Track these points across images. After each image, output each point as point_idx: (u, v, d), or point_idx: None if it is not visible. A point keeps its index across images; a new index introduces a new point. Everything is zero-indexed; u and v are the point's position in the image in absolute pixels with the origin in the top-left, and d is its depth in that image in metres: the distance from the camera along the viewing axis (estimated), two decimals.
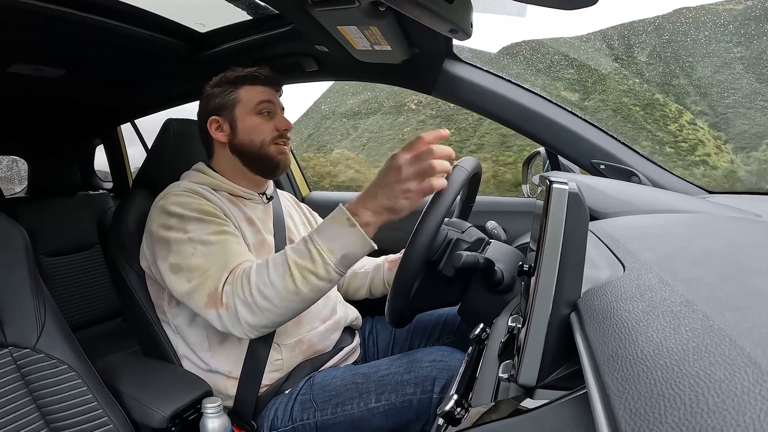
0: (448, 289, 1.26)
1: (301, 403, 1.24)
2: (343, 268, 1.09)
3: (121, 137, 3.32)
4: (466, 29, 1.14)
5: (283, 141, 1.40)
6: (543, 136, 1.58)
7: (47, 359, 1.08)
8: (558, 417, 0.54)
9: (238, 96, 1.38)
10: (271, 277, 1.08)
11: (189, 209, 1.23)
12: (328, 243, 1.08)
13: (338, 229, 1.08)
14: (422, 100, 15.24)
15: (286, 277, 1.07)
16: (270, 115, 1.39)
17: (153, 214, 1.26)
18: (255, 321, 1.09)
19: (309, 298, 1.10)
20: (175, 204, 1.24)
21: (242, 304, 1.08)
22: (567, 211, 0.59)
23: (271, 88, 1.41)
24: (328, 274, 1.07)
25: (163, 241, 1.20)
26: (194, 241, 1.18)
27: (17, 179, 4.29)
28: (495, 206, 2.01)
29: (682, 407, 0.31)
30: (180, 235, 1.19)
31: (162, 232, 1.21)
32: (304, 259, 1.08)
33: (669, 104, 12.74)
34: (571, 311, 0.60)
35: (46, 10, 1.41)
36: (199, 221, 1.21)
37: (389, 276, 1.59)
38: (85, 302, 2.76)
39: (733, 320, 0.40)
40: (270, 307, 1.08)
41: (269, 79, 1.41)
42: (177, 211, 1.22)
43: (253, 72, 1.39)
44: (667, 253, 0.67)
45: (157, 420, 1.12)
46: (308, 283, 1.07)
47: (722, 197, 1.41)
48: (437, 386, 1.14)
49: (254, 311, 1.08)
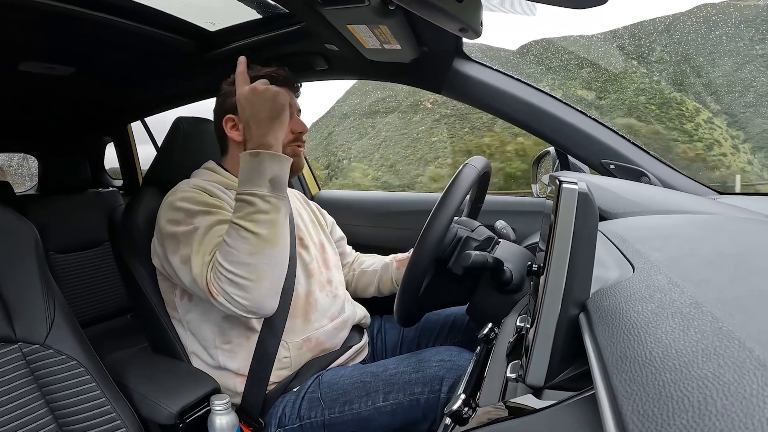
0: (456, 288, 1.26)
1: (309, 401, 1.25)
2: (279, 189, 1.13)
3: (131, 135, 3.34)
4: (475, 28, 1.14)
5: (298, 144, 1.39)
6: (553, 135, 1.57)
7: (56, 355, 1.08)
8: (566, 418, 0.54)
9: None
10: (228, 243, 1.10)
11: (195, 203, 1.23)
12: (250, 185, 1.12)
13: (248, 167, 1.13)
14: (437, 100, 15.25)
15: (240, 233, 1.09)
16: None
17: (162, 211, 1.27)
18: (248, 294, 1.09)
19: (274, 238, 1.11)
20: (182, 200, 1.24)
21: (228, 284, 1.09)
22: (576, 211, 0.59)
23: (289, 89, 1.41)
24: (269, 203, 1.11)
25: (173, 236, 1.21)
26: (199, 229, 1.19)
27: (28, 176, 4.32)
28: (504, 206, 2.00)
29: (690, 409, 0.31)
30: (187, 228, 1.20)
31: (170, 228, 1.21)
32: (242, 209, 1.11)
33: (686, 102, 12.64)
34: (580, 312, 0.60)
35: (56, 8, 1.42)
36: (205, 213, 1.22)
37: (397, 275, 1.59)
38: (95, 299, 2.78)
39: (743, 322, 0.39)
40: (250, 270, 1.08)
41: (287, 81, 1.40)
42: (184, 206, 1.23)
43: (271, 72, 1.38)
44: (677, 254, 0.67)
45: (165, 416, 1.13)
46: (259, 223, 1.09)
47: (732, 198, 1.40)
48: (445, 386, 1.14)
49: (240, 284, 1.08)
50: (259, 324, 1.29)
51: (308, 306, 1.36)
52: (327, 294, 1.42)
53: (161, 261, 1.27)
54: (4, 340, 1.04)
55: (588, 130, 1.54)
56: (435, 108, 15.71)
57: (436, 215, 1.05)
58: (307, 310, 1.36)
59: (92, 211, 2.85)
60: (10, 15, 1.43)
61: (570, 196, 0.60)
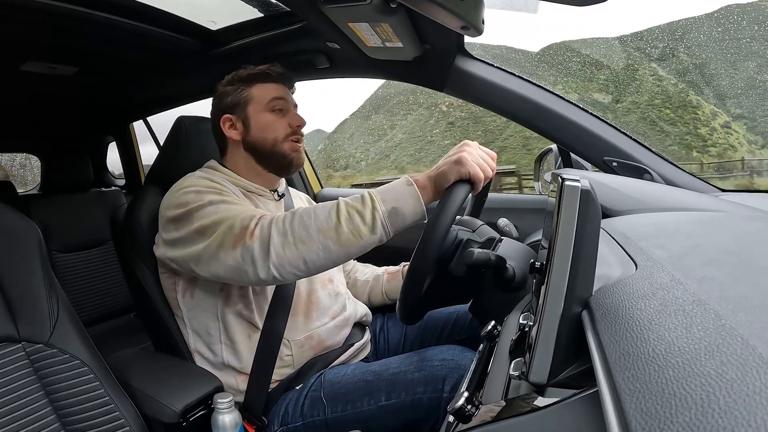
0: (458, 287, 1.26)
1: (311, 400, 1.25)
2: (389, 223, 1.09)
3: (134, 134, 3.35)
4: (477, 26, 1.14)
5: (296, 138, 1.39)
6: (555, 133, 1.57)
7: (60, 354, 1.09)
8: (569, 415, 0.54)
9: (250, 94, 1.38)
10: (317, 210, 1.10)
11: (204, 186, 1.24)
12: (381, 194, 1.11)
13: (395, 185, 1.13)
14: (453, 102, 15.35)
15: (332, 211, 1.09)
16: (283, 112, 1.39)
17: (167, 201, 1.27)
18: (285, 252, 1.07)
19: (345, 244, 1.08)
20: (189, 185, 1.25)
21: (277, 232, 1.08)
22: (579, 209, 0.59)
23: (284, 85, 1.41)
24: (373, 221, 1.08)
25: (184, 216, 1.20)
26: (215, 203, 1.19)
27: (30, 176, 4.34)
28: (507, 203, 2.00)
29: (693, 407, 0.31)
30: (200, 203, 1.19)
31: (180, 209, 1.21)
32: (355, 201, 1.10)
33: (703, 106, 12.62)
34: (583, 309, 0.60)
35: (58, 8, 1.42)
36: (217, 192, 1.23)
37: (387, 287, 1.62)
38: (98, 298, 2.79)
39: (746, 320, 0.39)
40: (305, 237, 1.07)
41: (281, 76, 1.41)
42: (193, 188, 1.23)
43: (265, 69, 1.39)
44: (680, 252, 0.67)
45: (168, 415, 1.13)
46: (351, 221, 1.07)
47: (735, 195, 1.39)
48: (447, 385, 1.15)
49: (287, 239, 1.07)
50: (261, 322, 1.29)
51: (310, 304, 1.37)
52: (329, 292, 1.43)
53: (165, 248, 1.26)
54: (7, 340, 1.04)
55: (590, 127, 1.53)
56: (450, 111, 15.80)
57: (438, 215, 1.04)
58: (308, 309, 1.36)
59: (95, 210, 2.86)
60: (12, 15, 1.43)
61: (572, 194, 0.60)
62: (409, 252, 1.09)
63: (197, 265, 1.18)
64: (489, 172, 1.13)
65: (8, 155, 4.54)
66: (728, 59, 17.17)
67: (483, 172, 1.10)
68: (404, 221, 1.10)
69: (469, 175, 1.08)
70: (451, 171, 1.09)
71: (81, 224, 2.78)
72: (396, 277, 1.63)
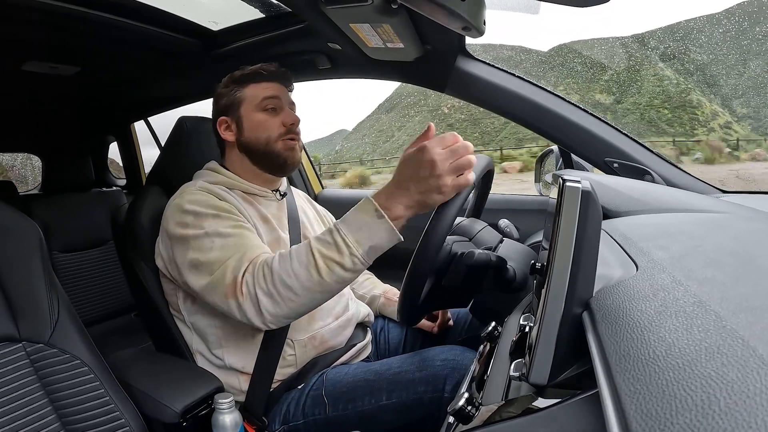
0: (456, 295, 1.26)
1: (313, 399, 1.25)
2: (369, 259, 1.08)
3: (135, 134, 3.35)
4: (478, 26, 1.14)
5: (290, 136, 1.38)
6: (556, 133, 1.57)
7: (60, 354, 1.08)
8: (569, 416, 0.54)
9: (243, 94, 1.38)
10: (294, 268, 1.07)
11: (204, 206, 1.23)
12: (355, 234, 1.04)
13: (366, 219, 1.04)
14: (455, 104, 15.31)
15: (310, 268, 1.06)
16: (276, 111, 1.38)
17: (168, 213, 1.27)
18: (276, 310, 1.08)
19: (332, 289, 1.09)
20: (190, 202, 1.24)
21: (263, 293, 1.08)
22: (580, 210, 0.59)
23: (279, 83, 1.40)
24: (354, 265, 1.06)
25: (181, 240, 1.21)
26: (211, 235, 1.19)
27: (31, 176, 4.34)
28: (508, 204, 2.00)
29: (693, 408, 0.31)
30: (197, 231, 1.20)
31: (179, 231, 1.22)
32: (330, 250, 1.06)
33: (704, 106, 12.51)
34: (584, 310, 0.60)
35: (59, 8, 1.42)
36: (215, 217, 1.22)
37: (383, 309, 1.63)
38: (98, 298, 2.79)
39: (747, 321, 0.39)
40: (292, 297, 1.07)
41: (274, 75, 1.40)
42: (192, 208, 1.23)
43: (257, 69, 1.39)
44: (681, 253, 0.67)
45: (168, 415, 1.13)
46: (333, 273, 1.06)
47: (736, 196, 1.39)
48: (448, 385, 1.15)
49: (276, 301, 1.08)
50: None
51: None
52: None
53: (166, 263, 1.28)
54: (7, 340, 1.04)
55: (591, 128, 1.53)
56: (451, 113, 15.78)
57: (437, 220, 1.03)
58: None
59: (96, 210, 2.86)
60: (14, 15, 1.43)
61: (573, 195, 0.60)
62: (408, 252, 1.08)
63: (193, 292, 1.22)
64: (472, 164, 1.02)
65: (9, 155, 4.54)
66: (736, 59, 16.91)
67: (464, 177, 1.01)
68: (382, 250, 1.08)
69: (457, 187, 1.01)
70: (434, 200, 1.02)
71: (82, 224, 2.78)
72: (393, 304, 1.62)
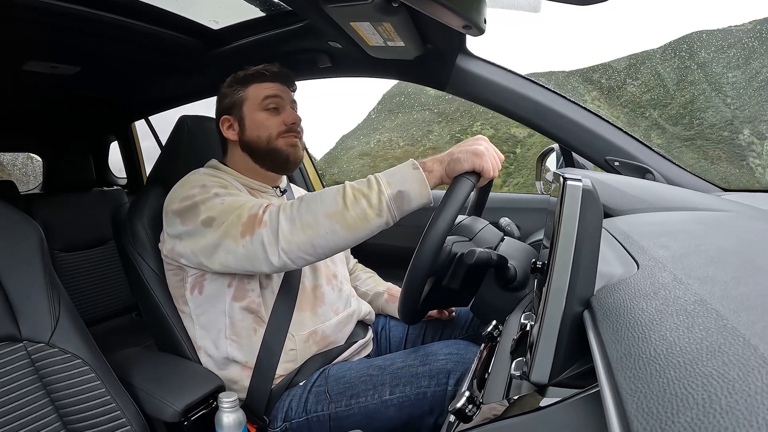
0: (457, 294, 1.26)
1: (315, 395, 1.25)
2: (395, 206, 1.10)
3: (135, 134, 3.35)
4: (479, 25, 1.14)
5: (293, 135, 1.39)
6: (557, 132, 1.57)
7: (61, 354, 1.09)
8: (570, 415, 0.54)
9: (246, 94, 1.39)
10: (323, 194, 1.11)
11: (209, 181, 1.26)
12: (387, 177, 1.12)
13: (401, 169, 1.13)
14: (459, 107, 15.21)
15: (337, 195, 1.10)
16: (277, 110, 1.39)
17: (172, 195, 1.27)
18: (292, 237, 1.09)
19: (352, 227, 1.09)
20: (195, 180, 1.27)
21: (286, 218, 1.10)
22: (581, 208, 0.59)
23: (281, 83, 1.41)
24: (379, 203, 1.08)
25: (190, 208, 1.21)
26: (221, 195, 1.20)
27: (32, 176, 4.35)
28: (509, 203, 2.00)
29: (694, 407, 0.31)
30: (206, 195, 1.21)
31: (186, 202, 1.22)
32: (361, 184, 1.11)
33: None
34: (584, 309, 0.60)
35: (60, 8, 1.42)
36: (222, 187, 1.24)
37: (385, 306, 1.64)
38: (99, 297, 2.79)
39: (747, 320, 0.39)
40: (312, 223, 1.08)
41: (276, 75, 1.41)
42: (198, 182, 1.25)
43: (260, 69, 1.40)
44: (682, 251, 0.67)
45: (169, 414, 1.13)
46: (358, 205, 1.08)
47: (737, 195, 1.39)
48: (452, 379, 1.15)
49: (295, 225, 1.09)
50: (267, 316, 1.30)
51: (315, 299, 1.37)
52: (333, 287, 1.43)
53: (172, 242, 1.26)
54: (8, 339, 1.05)
55: (592, 127, 1.53)
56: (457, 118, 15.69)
57: (440, 212, 1.04)
58: (314, 304, 1.37)
59: (97, 209, 2.86)
60: (15, 14, 1.43)
61: (574, 193, 0.60)
62: (409, 252, 1.08)
63: (206, 258, 1.19)
64: (497, 171, 1.14)
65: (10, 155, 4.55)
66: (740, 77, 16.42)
67: (492, 170, 1.12)
68: (410, 204, 1.10)
69: (482, 169, 1.10)
70: (466, 159, 1.10)
71: (83, 223, 2.78)
72: (396, 301, 1.62)
